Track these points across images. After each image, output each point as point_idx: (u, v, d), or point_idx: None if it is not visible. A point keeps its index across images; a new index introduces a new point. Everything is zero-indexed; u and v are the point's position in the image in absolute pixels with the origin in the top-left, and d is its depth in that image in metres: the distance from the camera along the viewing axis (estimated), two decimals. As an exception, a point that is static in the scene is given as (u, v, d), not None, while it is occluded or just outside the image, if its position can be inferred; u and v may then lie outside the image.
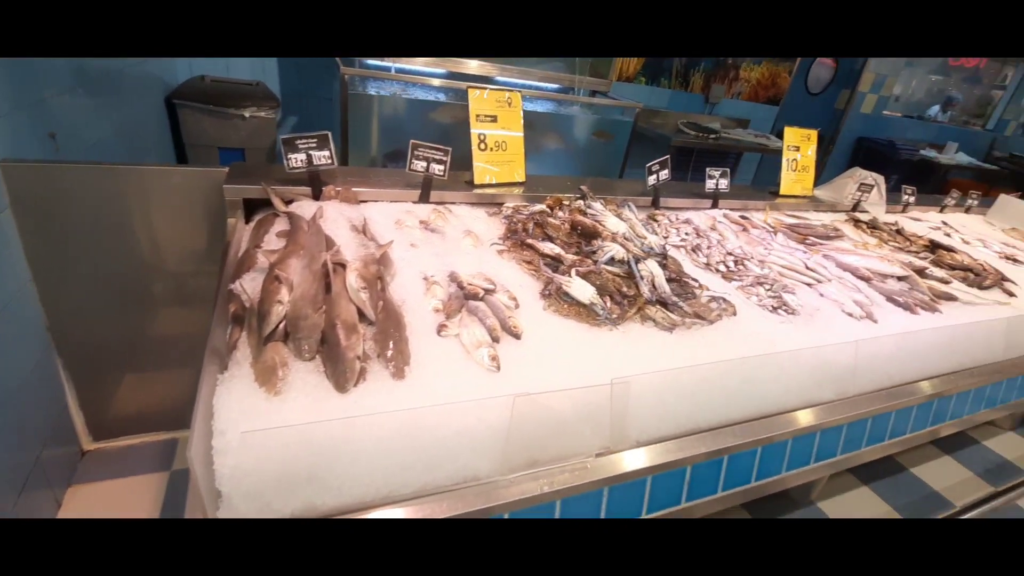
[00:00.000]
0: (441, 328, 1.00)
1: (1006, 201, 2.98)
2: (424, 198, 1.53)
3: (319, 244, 1.08)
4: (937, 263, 2.00)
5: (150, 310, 1.63)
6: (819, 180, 2.61)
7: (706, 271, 1.55)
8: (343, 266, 1.03)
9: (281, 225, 1.24)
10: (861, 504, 1.89)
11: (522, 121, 1.72)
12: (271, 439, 0.73)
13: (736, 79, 5.01)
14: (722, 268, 1.55)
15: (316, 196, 1.39)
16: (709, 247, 1.64)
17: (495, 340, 1.01)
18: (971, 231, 2.59)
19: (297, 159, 1.34)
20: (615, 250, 1.28)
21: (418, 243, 1.29)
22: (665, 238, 1.71)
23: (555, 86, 3.77)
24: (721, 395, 1.11)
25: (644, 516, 1.05)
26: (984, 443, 2.40)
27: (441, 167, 1.50)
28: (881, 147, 6.05)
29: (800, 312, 1.39)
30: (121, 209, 1.40)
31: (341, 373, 0.84)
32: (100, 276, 1.47)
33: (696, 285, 1.38)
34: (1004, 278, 1.95)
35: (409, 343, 0.95)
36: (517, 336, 1.04)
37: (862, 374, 1.32)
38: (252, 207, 1.39)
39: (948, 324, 1.51)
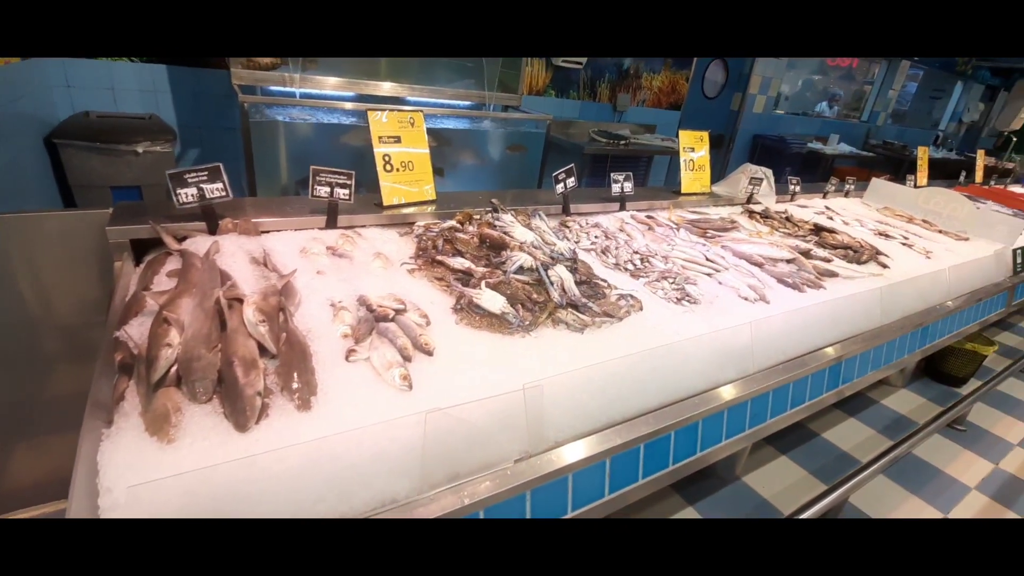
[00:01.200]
0: (350, 353, 0.99)
1: (877, 184, 3.34)
2: (331, 224, 1.51)
3: (212, 280, 1.04)
4: (821, 244, 2.21)
5: (39, 370, 1.49)
6: (724, 174, 2.82)
7: (615, 271, 1.62)
8: (240, 301, 1.00)
9: (173, 264, 1.18)
10: (782, 473, 2.04)
11: (427, 140, 1.74)
12: (164, 490, 0.69)
13: (639, 88, 5.30)
14: (630, 267, 1.63)
15: (212, 231, 1.34)
16: (617, 248, 1.73)
17: (407, 359, 1.01)
18: (850, 213, 2.89)
19: (187, 194, 1.29)
20: (523, 259, 1.32)
21: (325, 270, 1.27)
22: (576, 243, 1.78)
23: (467, 103, 3.83)
24: (632, 387, 1.16)
25: (570, 513, 1.07)
26: (882, 402, 2.65)
27: (346, 191, 1.49)
28: (774, 143, 6.60)
29: (701, 301, 1.49)
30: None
31: (240, 411, 0.81)
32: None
33: (605, 285, 1.45)
34: (878, 252, 2.18)
35: (316, 373, 0.93)
36: (429, 353, 1.04)
37: (759, 352, 1.43)
38: (143, 248, 1.31)
39: (831, 298, 1.67)
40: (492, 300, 1.20)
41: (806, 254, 2.00)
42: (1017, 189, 4.82)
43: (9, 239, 1.27)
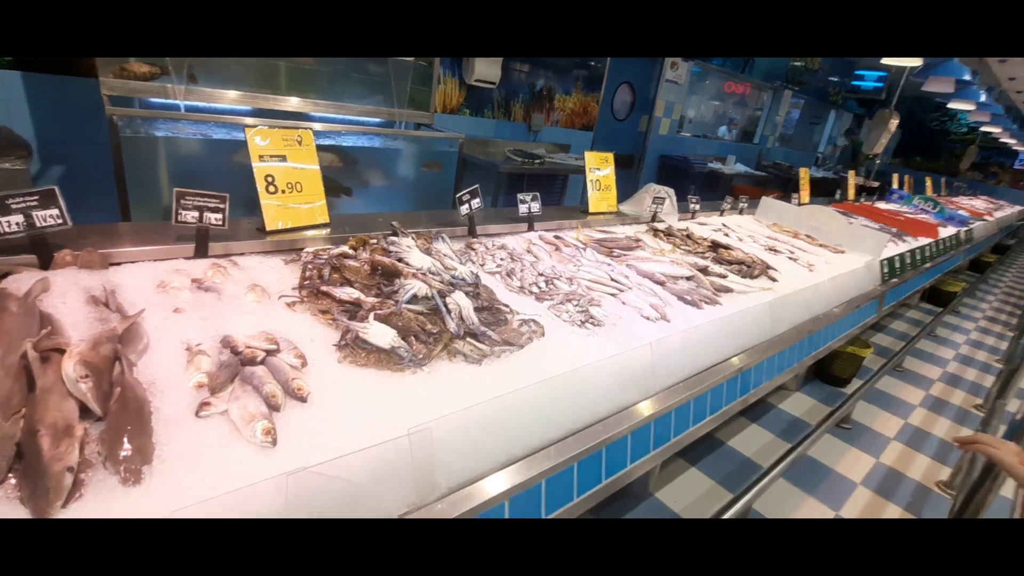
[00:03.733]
0: (202, 407, 0.85)
1: (767, 202, 3.61)
2: (200, 253, 1.34)
3: (26, 328, 0.86)
4: (718, 260, 2.32)
5: None
6: (631, 195, 2.90)
7: (520, 294, 1.58)
8: (61, 351, 0.83)
9: (-16, 308, 0.97)
10: (691, 485, 2.08)
11: (317, 158, 1.62)
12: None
13: (552, 108, 5.43)
14: (535, 289, 1.60)
15: (45, 265, 1.13)
16: (523, 270, 1.69)
17: (274, 409, 0.89)
18: (744, 229, 3.08)
19: (11, 222, 1.08)
20: (416, 287, 1.24)
21: (185, 307, 1.11)
22: (481, 265, 1.72)
23: (376, 120, 3.71)
24: (531, 419, 1.11)
25: (467, 565, 0.99)
26: (779, 406, 2.81)
27: (218, 215, 1.34)
28: (678, 163, 7.01)
29: (605, 323, 1.48)
30: None
31: (43, 493, 0.66)
32: None
33: (508, 311, 1.40)
34: (768, 267, 2.32)
35: (154, 434, 0.79)
36: (302, 399, 0.93)
37: (661, 370, 1.44)
38: (-48, 287, 1.09)
39: (726, 313, 1.73)
40: (381, 334, 1.10)
41: (704, 271, 2.08)
42: (882, 205, 5.44)
43: None
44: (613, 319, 1.51)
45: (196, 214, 1.31)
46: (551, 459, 1.10)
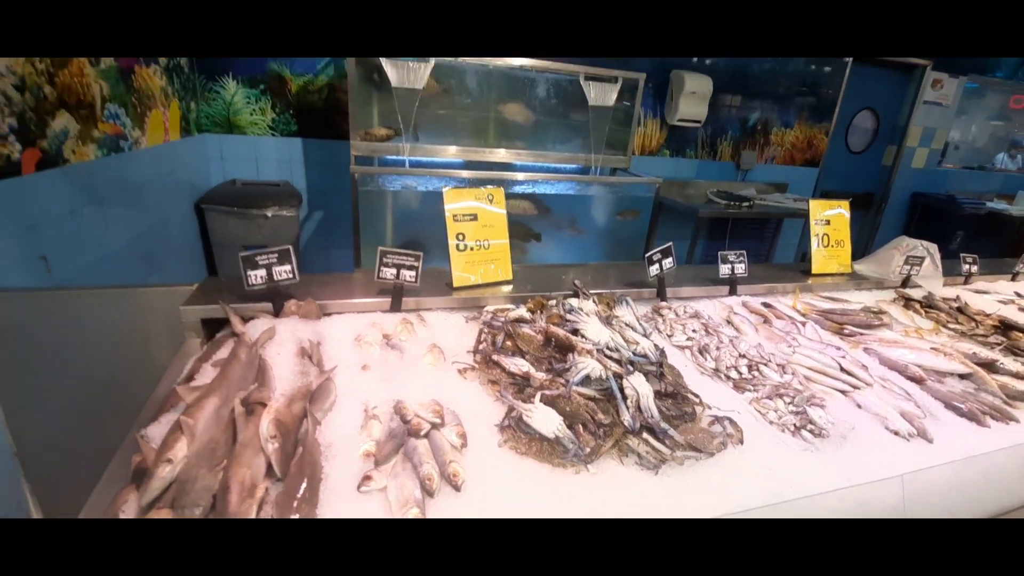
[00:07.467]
0: (364, 481, 0.85)
1: (1096, 263, 2.57)
2: (395, 307, 1.44)
3: (245, 379, 0.99)
4: (1011, 350, 1.68)
5: (123, 436, 1.58)
6: (874, 241, 2.36)
7: (714, 379, 1.33)
8: (264, 405, 0.92)
9: (227, 350, 1.16)
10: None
11: (506, 217, 1.63)
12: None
13: (767, 144, 4.85)
14: (733, 374, 1.33)
15: (277, 312, 1.33)
16: (719, 347, 1.43)
17: (429, 494, 0.85)
18: (1056, 303, 2.22)
19: (257, 276, 1.29)
20: (590, 367, 1.11)
21: (372, 363, 1.17)
22: (669, 336, 1.52)
23: (573, 166, 3.75)
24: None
25: None
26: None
27: (412, 273, 1.42)
28: (940, 202, 5.61)
29: (830, 433, 1.14)
30: (90, 332, 1.39)
31: (219, 555, 0.70)
32: (70, 401, 1.43)
33: (697, 401, 1.18)
34: (1105, 367, 1.59)
35: (319, 505, 0.81)
36: (456, 487, 0.87)
37: (914, 516, 1.04)
38: (220, 325, 1.34)
39: (1032, 440, 1.20)
40: (545, 420, 1.00)
41: (989, 365, 1.52)
42: None
43: (105, 313, 1.37)
44: (842, 429, 1.16)
45: (394, 271, 1.41)
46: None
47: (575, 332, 1.25)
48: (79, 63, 1.85)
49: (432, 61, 2.96)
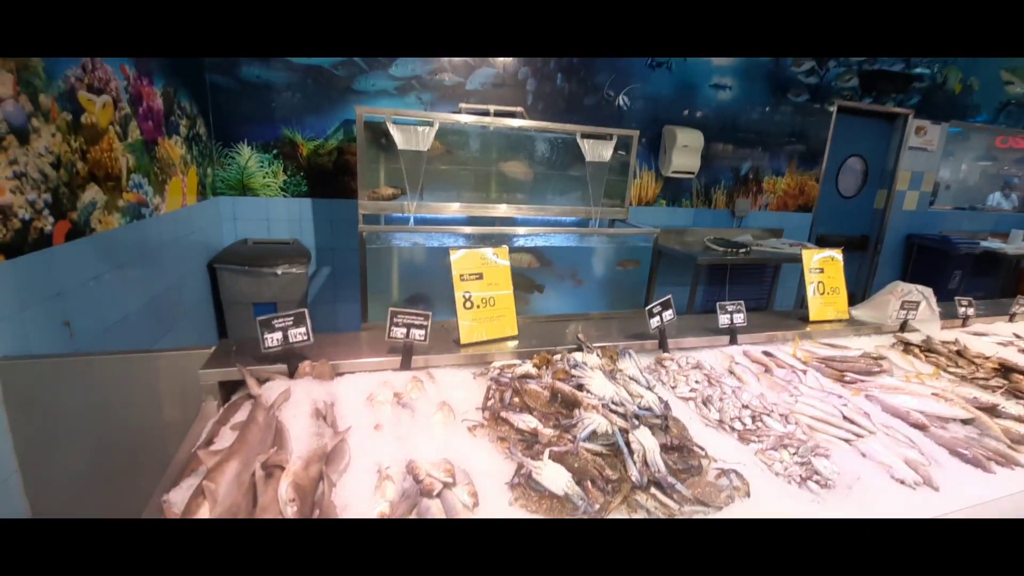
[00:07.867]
0: (379, 543, 0.88)
1: (1091, 303, 2.61)
2: (405, 365, 1.48)
3: (263, 443, 1.02)
4: (1013, 392, 1.70)
5: (142, 500, 1.60)
6: (872, 283, 2.41)
7: (718, 430, 1.36)
8: (282, 468, 0.96)
9: (245, 413, 1.20)
10: None
11: (510, 272, 1.70)
12: None
13: (760, 191, 5.01)
14: (737, 425, 1.36)
15: (292, 373, 1.37)
16: (722, 398, 1.46)
17: (443, 555, 0.87)
18: (1054, 344, 2.24)
19: (273, 339, 1.35)
20: (596, 423, 1.15)
21: (385, 423, 1.21)
22: (672, 388, 1.55)
23: (573, 219, 3.87)
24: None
25: None
26: None
27: (422, 332, 1.47)
28: (935, 243, 5.71)
29: (835, 483, 1.16)
30: (108, 397, 1.43)
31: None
32: (88, 464, 1.46)
33: (703, 453, 1.20)
34: (1108, 408, 1.61)
35: (336, 569, 0.82)
36: (470, 548, 0.89)
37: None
38: (236, 386, 1.39)
39: (1038, 485, 1.21)
40: (555, 477, 1.03)
41: (991, 410, 1.54)
42: None
43: (123, 376, 1.42)
44: (848, 478, 1.18)
45: (404, 331, 1.46)
46: None
47: (580, 387, 1.29)
48: (109, 139, 1.98)
49: (436, 124, 3.13)
